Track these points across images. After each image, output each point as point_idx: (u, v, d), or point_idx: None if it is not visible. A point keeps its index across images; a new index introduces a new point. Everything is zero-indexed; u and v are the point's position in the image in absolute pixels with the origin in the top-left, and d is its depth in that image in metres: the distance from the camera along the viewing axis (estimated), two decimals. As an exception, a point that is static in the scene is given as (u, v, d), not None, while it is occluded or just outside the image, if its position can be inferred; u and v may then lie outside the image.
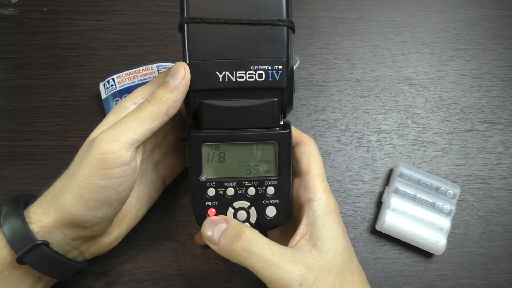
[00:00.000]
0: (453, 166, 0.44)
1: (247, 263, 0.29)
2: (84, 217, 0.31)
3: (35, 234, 0.30)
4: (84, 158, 0.30)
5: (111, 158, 0.29)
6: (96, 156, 0.29)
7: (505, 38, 0.48)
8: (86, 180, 0.30)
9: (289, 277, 0.28)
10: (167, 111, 0.30)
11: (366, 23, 0.48)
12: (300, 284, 0.28)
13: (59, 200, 0.30)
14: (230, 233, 0.30)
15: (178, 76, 0.30)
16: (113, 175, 0.30)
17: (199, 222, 0.32)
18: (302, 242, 0.31)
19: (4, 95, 0.44)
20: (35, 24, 0.46)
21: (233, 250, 0.29)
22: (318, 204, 0.32)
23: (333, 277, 0.29)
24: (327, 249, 0.30)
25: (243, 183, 0.33)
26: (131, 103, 0.32)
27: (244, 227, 0.30)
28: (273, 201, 0.33)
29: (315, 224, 0.31)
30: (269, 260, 0.29)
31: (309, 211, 0.32)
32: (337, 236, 0.31)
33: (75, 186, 0.30)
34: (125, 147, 0.29)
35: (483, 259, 0.42)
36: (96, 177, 0.29)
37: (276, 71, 0.31)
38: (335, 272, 0.30)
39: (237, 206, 0.33)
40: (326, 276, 0.29)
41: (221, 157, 0.33)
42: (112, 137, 0.29)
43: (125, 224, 0.36)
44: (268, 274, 0.29)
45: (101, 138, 0.29)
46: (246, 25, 0.30)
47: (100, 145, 0.29)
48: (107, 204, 0.31)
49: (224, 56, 0.30)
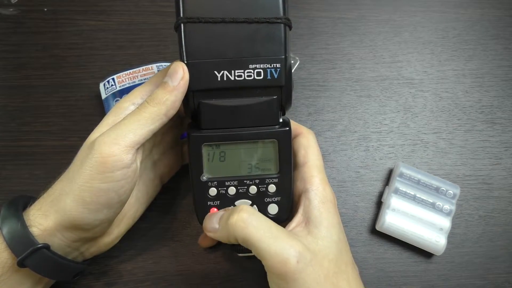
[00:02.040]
0: (453, 166, 0.44)
1: (244, 234, 0.28)
2: (85, 220, 0.31)
3: (36, 237, 0.30)
4: (85, 161, 0.30)
5: (112, 161, 0.29)
6: (96, 159, 0.29)
7: (505, 38, 0.48)
8: (87, 184, 0.29)
9: (287, 252, 0.28)
10: (167, 112, 0.30)
11: (366, 23, 0.48)
12: (297, 261, 0.28)
13: (60, 203, 0.30)
14: (227, 213, 0.30)
15: (176, 76, 0.30)
16: (114, 178, 0.30)
17: (202, 222, 0.33)
18: (298, 229, 0.31)
19: (4, 95, 0.44)
20: (35, 24, 0.46)
21: (230, 223, 0.29)
22: (315, 194, 0.32)
23: (328, 263, 0.29)
24: (323, 236, 0.30)
25: (244, 181, 0.33)
26: (130, 104, 0.32)
27: (244, 205, 0.30)
28: (274, 199, 0.33)
29: (311, 213, 0.31)
30: (267, 232, 0.28)
31: (306, 201, 0.32)
32: (333, 225, 0.31)
33: (75, 189, 0.30)
34: (125, 149, 0.29)
35: (483, 259, 0.42)
36: (97, 181, 0.29)
37: (275, 69, 0.31)
38: (330, 258, 0.30)
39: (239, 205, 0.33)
40: (321, 260, 0.29)
41: (222, 156, 0.33)
42: (113, 140, 0.29)
43: (124, 223, 0.36)
44: (265, 247, 0.28)
45: (101, 141, 0.29)
46: (243, 23, 0.30)
47: (101, 148, 0.29)
48: (108, 207, 0.31)
49: (222, 55, 0.30)
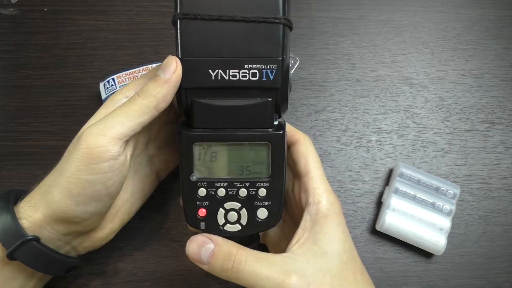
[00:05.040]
0: (453, 166, 0.44)
1: (240, 282, 0.29)
2: (73, 212, 0.30)
3: (25, 229, 0.30)
4: (72, 153, 0.30)
5: (98, 152, 0.29)
6: (83, 150, 0.29)
7: (505, 38, 0.48)
8: (73, 175, 0.29)
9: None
10: (157, 105, 0.30)
11: (366, 23, 0.48)
12: None
13: (48, 196, 0.30)
14: (219, 256, 0.30)
15: (169, 70, 0.29)
16: (100, 170, 0.29)
17: (190, 223, 0.32)
18: (296, 247, 0.31)
19: (4, 95, 0.44)
20: (35, 24, 0.46)
21: (223, 272, 0.29)
22: (316, 208, 0.31)
23: (330, 279, 0.29)
24: (323, 252, 0.30)
25: (234, 184, 0.32)
26: (122, 97, 0.32)
27: (232, 248, 0.30)
28: (264, 203, 0.32)
29: (312, 228, 0.31)
30: (259, 275, 0.28)
31: (307, 215, 0.32)
32: (336, 239, 0.31)
33: (63, 182, 0.30)
34: (112, 141, 0.29)
35: (483, 259, 0.42)
36: (83, 172, 0.29)
37: (271, 71, 0.30)
38: (333, 273, 0.29)
39: (228, 207, 0.32)
40: (323, 279, 0.29)
41: (213, 156, 0.32)
42: (99, 131, 0.29)
43: (118, 218, 0.35)
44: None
45: (88, 132, 0.29)
46: (240, 22, 0.29)
47: (87, 139, 0.29)
48: (95, 200, 0.31)
49: (217, 53, 0.29)
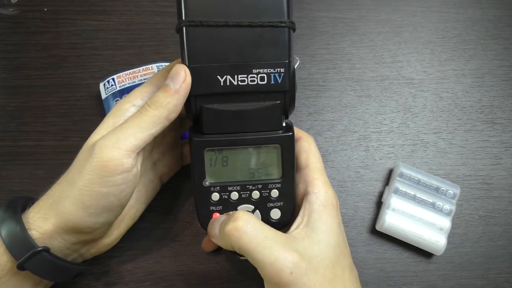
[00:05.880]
0: (453, 166, 0.44)
1: (239, 244, 0.28)
2: (85, 223, 0.30)
3: (35, 240, 0.30)
4: (85, 164, 0.29)
5: (113, 165, 0.29)
6: (97, 163, 0.29)
7: (505, 38, 0.48)
8: (86, 188, 0.29)
9: (280, 263, 0.28)
10: (168, 115, 0.30)
11: (366, 23, 0.48)
12: (291, 272, 0.28)
13: (59, 207, 0.30)
14: (226, 219, 0.30)
15: (178, 79, 0.29)
16: (114, 183, 0.29)
17: (204, 227, 0.32)
18: (297, 231, 0.31)
19: (4, 95, 0.44)
20: (35, 24, 0.46)
21: (226, 231, 0.29)
22: (316, 197, 0.32)
23: (323, 269, 0.29)
24: (320, 240, 0.30)
25: (247, 186, 0.32)
26: (130, 105, 0.32)
27: (241, 212, 0.30)
28: (277, 204, 0.33)
29: (310, 216, 0.31)
30: (261, 242, 0.28)
31: (306, 203, 0.32)
32: (331, 230, 0.31)
33: (75, 193, 0.29)
34: (126, 154, 0.29)
35: (483, 259, 0.42)
36: (97, 185, 0.29)
37: (278, 74, 0.30)
38: (326, 264, 0.29)
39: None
40: (317, 267, 0.29)
41: (224, 161, 0.32)
42: (114, 144, 0.29)
43: (124, 224, 0.36)
44: (259, 257, 0.28)
45: (102, 145, 0.29)
46: (246, 27, 0.29)
47: (101, 152, 0.29)
48: (108, 211, 0.31)
49: (225, 59, 0.30)
